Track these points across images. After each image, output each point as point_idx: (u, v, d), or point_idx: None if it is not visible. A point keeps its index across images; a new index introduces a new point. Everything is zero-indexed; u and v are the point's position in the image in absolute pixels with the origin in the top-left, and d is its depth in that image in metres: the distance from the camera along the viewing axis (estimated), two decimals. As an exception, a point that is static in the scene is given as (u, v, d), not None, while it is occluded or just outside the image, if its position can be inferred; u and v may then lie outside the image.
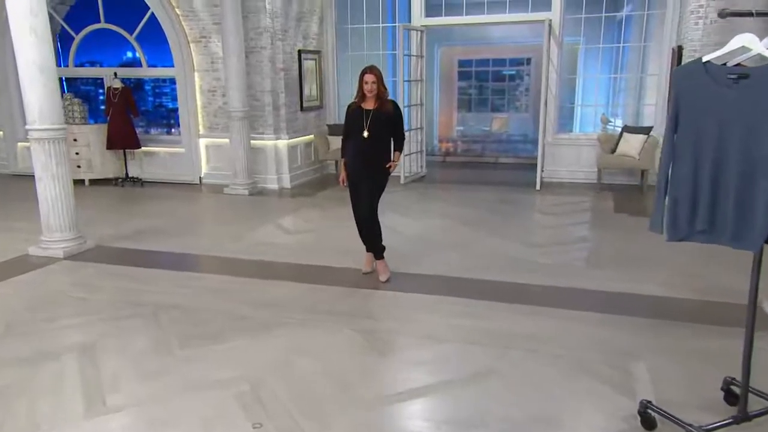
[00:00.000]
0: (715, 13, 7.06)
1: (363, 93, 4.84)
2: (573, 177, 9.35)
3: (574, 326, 4.10)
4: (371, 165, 4.91)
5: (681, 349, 3.73)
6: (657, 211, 2.60)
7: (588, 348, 3.77)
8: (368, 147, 4.86)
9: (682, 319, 4.21)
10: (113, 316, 4.42)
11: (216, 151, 9.59)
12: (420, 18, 9.58)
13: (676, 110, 2.44)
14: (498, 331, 4.04)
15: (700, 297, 4.62)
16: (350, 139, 4.98)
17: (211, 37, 9.24)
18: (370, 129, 4.83)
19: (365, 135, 4.84)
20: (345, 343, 3.96)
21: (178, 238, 6.53)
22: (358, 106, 4.92)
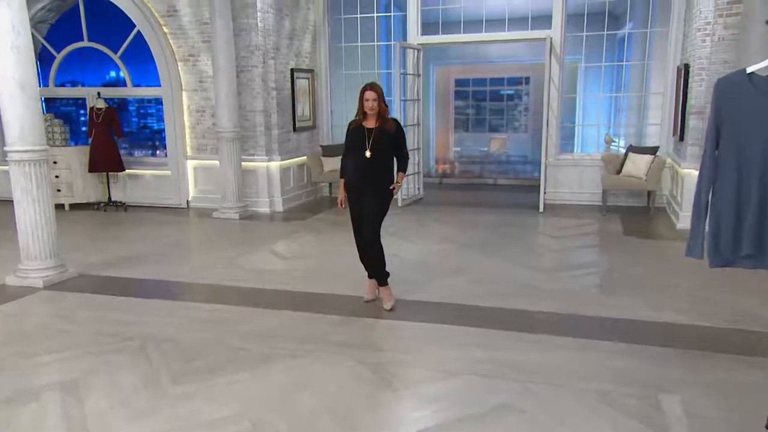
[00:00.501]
0: (723, 29, 7.08)
1: (364, 111, 4.75)
2: (576, 199, 9.29)
3: (595, 357, 3.96)
4: (373, 186, 4.79)
5: (715, 382, 3.59)
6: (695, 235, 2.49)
7: (613, 381, 3.62)
8: (370, 167, 4.75)
9: (709, 348, 4.08)
10: (98, 350, 4.21)
11: (204, 173, 9.44)
12: (416, 36, 9.57)
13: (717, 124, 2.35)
14: (514, 363, 3.89)
15: (726, 325, 4.49)
16: (350, 158, 4.87)
17: (200, 56, 9.16)
18: (372, 148, 4.72)
19: (367, 154, 4.73)
20: (350, 376, 3.79)
21: (165, 266, 6.34)
22: (359, 125, 4.82)
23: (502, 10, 9.38)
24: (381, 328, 4.65)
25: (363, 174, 4.79)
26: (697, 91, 7.41)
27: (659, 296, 5.13)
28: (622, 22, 10.17)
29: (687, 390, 3.50)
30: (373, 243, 4.87)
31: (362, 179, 4.80)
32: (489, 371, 3.79)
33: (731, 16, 7.04)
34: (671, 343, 4.19)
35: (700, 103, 7.40)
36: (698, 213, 2.45)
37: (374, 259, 4.93)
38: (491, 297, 5.20)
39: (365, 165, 4.76)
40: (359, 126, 4.81)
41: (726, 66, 7.14)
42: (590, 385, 3.58)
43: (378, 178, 4.78)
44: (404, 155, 4.90)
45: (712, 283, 5.43)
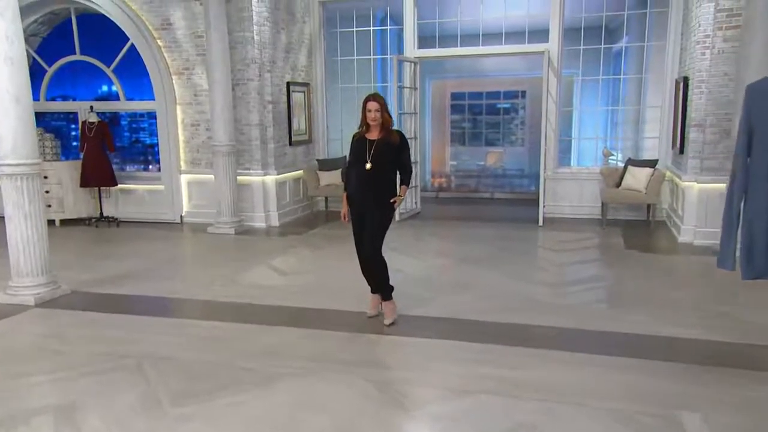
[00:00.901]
0: (722, 42, 7.07)
1: (366, 122, 4.65)
2: (575, 212, 9.22)
3: (610, 374, 3.84)
4: (374, 199, 4.68)
5: (738, 399, 3.49)
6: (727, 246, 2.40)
7: (631, 398, 3.51)
8: (371, 179, 4.64)
9: (727, 364, 3.98)
10: (94, 370, 4.05)
11: (198, 188, 9.30)
12: (413, 50, 9.53)
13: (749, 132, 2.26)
14: (528, 381, 3.77)
15: (740, 339, 4.39)
16: (353, 170, 4.77)
17: (194, 69, 9.06)
18: (373, 160, 4.62)
19: (367, 166, 4.63)
20: (358, 396, 3.65)
21: (161, 282, 6.18)
22: (362, 136, 4.72)
23: (499, 24, 9.37)
24: (386, 344, 4.51)
25: (364, 186, 4.68)
26: (697, 104, 7.39)
27: (666, 311, 5.04)
28: (618, 36, 10.19)
29: (707, 407, 3.39)
30: (373, 257, 4.76)
31: (363, 192, 4.70)
32: (500, 389, 3.66)
33: (730, 29, 7.04)
34: (685, 358, 4.08)
35: (700, 115, 7.37)
36: (729, 223, 2.37)
37: (376, 274, 4.82)
38: (496, 312, 5.08)
39: (366, 177, 4.65)
40: (362, 137, 4.72)
41: (726, 78, 7.13)
42: (608, 403, 3.46)
43: (379, 190, 4.67)
44: (408, 168, 4.80)
45: (719, 297, 5.39)
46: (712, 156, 7.33)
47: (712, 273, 6.19)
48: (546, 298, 5.47)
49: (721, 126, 7.24)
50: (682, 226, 7.59)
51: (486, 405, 3.50)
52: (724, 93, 7.17)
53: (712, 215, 7.33)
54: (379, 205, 4.68)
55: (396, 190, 4.78)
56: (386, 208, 4.71)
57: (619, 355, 4.13)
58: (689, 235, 7.50)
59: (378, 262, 4.79)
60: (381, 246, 4.79)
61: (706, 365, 3.96)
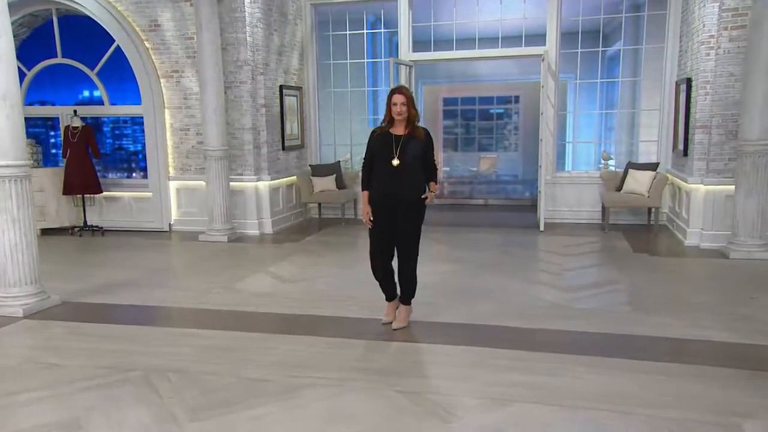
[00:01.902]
0: (728, 42, 7.01)
1: (391, 117, 4.42)
2: (575, 217, 9.09)
3: (653, 380, 3.64)
4: (403, 197, 4.42)
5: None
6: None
7: (685, 406, 3.30)
8: (398, 176, 4.39)
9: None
10: (97, 385, 3.73)
11: (188, 194, 8.96)
12: (407, 53, 9.35)
13: None
14: (567, 388, 3.55)
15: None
16: (375, 169, 4.51)
17: (184, 72, 8.75)
18: (401, 156, 4.38)
19: (395, 163, 4.37)
20: (392, 407, 3.39)
21: (156, 291, 5.86)
22: (385, 132, 4.47)
23: (494, 28, 9.25)
24: (409, 352, 4.27)
25: (391, 184, 4.42)
26: (701, 105, 7.30)
27: (690, 314, 4.87)
28: (613, 40, 10.15)
29: (766, 415, 3.20)
30: (412, 263, 4.54)
31: (390, 190, 4.43)
32: (540, 398, 3.43)
33: (736, 28, 6.98)
34: (727, 362, 3.91)
35: (705, 117, 7.29)
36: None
37: (411, 279, 4.58)
38: (516, 318, 4.88)
39: (393, 175, 4.40)
40: (385, 133, 4.47)
41: (732, 79, 7.07)
42: (660, 411, 3.25)
43: (407, 188, 4.42)
44: (433, 167, 4.57)
45: (737, 299, 5.29)
46: (718, 157, 7.25)
47: (725, 275, 6.12)
48: (565, 303, 5.28)
49: (727, 127, 7.17)
50: (688, 229, 7.49)
51: (528, 414, 3.27)
52: (729, 93, 7.10)
53: (718, 217, 7.25)
54: (410, 204, 4.43)
55: (425, 187, 4.53)
56: (417, 205, 4.46)
57: (657, 360, 3.94)
58: (696, 237, 7.39)
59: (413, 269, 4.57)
60: (417, 253, 4.57)
61: (753, 370, 3.78)
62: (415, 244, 4.56)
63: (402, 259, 4.57)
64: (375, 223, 4.56)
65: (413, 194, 4.45)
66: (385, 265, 4.60)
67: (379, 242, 4.55)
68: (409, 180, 4.43)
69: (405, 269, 4.58)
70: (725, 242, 7.01)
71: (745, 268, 6.33)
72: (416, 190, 4.47)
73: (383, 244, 4.55)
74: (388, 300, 4.74)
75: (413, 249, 4.55)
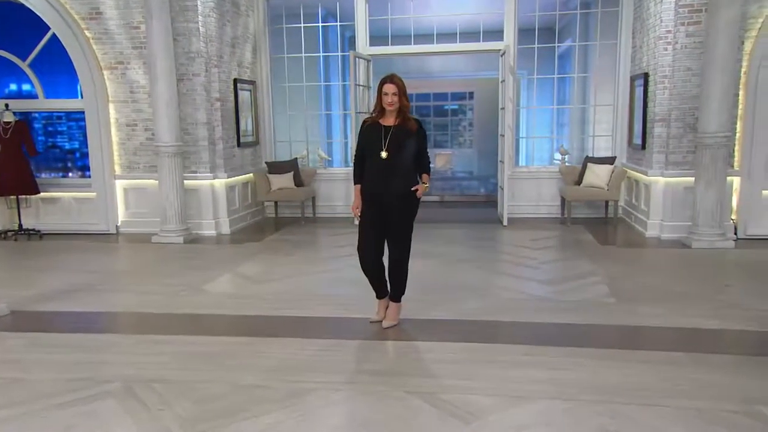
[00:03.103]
0: (685, 37, 7.19)
1: (382, 107, 4.21)
2: (535, 212, 9.13)
3: (666, 370, 3.58)
4: (393, 190, 4.22)
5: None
6: None
7: (704, 396, 3.25)
8: (388, 169, 4.19)
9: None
10: (74, 400, 3.34)
11: (137, 194, 8.43)
12: (365, 47, 9.15)
13: None
14: (585, 383, 3.44)
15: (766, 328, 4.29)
16: (366, 161, 4.30)
17: (130, 63, 8.22)
18: (390, 148, 4.18)
19: (383, 155, 4.18)
20: (407, 409, 3.19)
21: (119, 295, 5.43)
22: (375, 122, 4.27)
23: (451, 23, 9.18)
24: (411, 351, 4.07)
25: (380, 177, 4.22)
26: (660, 99, 7.46)
27: (676, 304, 4.89)
28: (565, 36, 10.28)
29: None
30: (401, 260, 4.36)
31: (379, 183, 4.23)
32: (561, 393, 3.31)
33: (692, 24, 7.16)
34: (733, 350, 3.93)
35: (663, 110, 7.45)
36: None
37: (402, 275, 4.39)
38: (509, 312, 4.77)
39: (382, 167, 4.20)
40: (375, 123, 4.26)
41: (689, 73, 7.25)
42: (682, 401, 3.18)
43: (397, 181, 4.22)
44: (426, 159, 4.39)
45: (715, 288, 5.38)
46: (677, 150, 7.42)
47: (693, 265, 6.25)
48: (550, 296, 5.23)
49: (685, 120, 7.35)
50: (648, 220, 7.63)
51: (552, 411, 3.15)
52: (687, 88, 7.28)
53: (677, 209, 7.43)
54: (400, 197, 4.23)
55: (416, 179, 4.34)
56: (408, 199, 4.26)
57: (662, 350, 3.91)
58: (656, 229, 7.54)
59: (406, 263, 4.38)
60: (409, 249, 4.38)
61: (755, 356, 3.81)
62: (406, 239, 4.37)
63: (393, 254, 4.38)
64: (364, 217, 4.35)
65: (403, 187, 4.26)
66: (375, 261, 4.39)
67: (369, 237, 4.34)
68: (398, 173, 4.23)
69: (396, 265, 4.39)
70: (685, 233, 7.17)
71: (709, 257, 6.49)
72: (406, 183, 4.27)
73: (373, 238, 4.34)
74: (378, 297, 4.53)
75: (404, 244, 4.37)
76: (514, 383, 3.46)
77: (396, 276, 4.40)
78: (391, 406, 3.22)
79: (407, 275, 4.43)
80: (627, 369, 3.62)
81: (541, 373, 3.58)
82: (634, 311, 4.72)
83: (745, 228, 7.37)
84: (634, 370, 3.59)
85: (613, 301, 5.02)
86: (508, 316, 4.67)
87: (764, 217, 7.34)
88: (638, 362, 3.72)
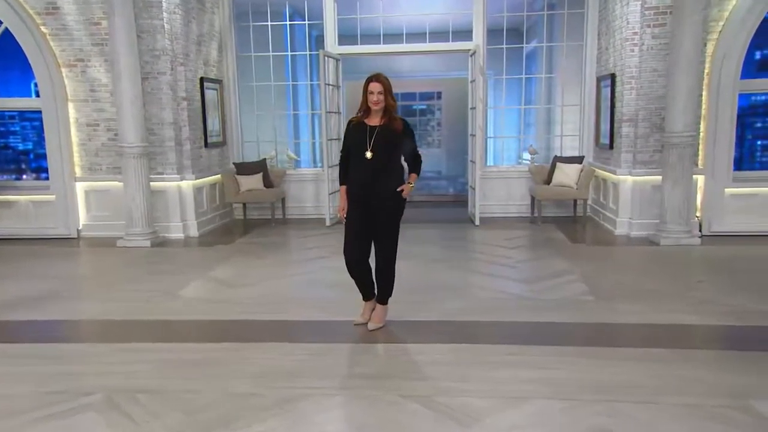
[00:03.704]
0: (651, 39, 7.35)
1: (367, 106, 4.16)
2: (505, 211, 9.22)
3: (653, 367, 3.63)
4: (378, 191, 4.18)
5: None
6: None
7: (693, 392, 3.31)
8: (372, 170, 4.15)
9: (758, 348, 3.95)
10: (54, 414, 3.19)
11: (99, 196, 8.15)
12: (334, 46, 9.07)
13: None
14: (578, 382, 3.46)
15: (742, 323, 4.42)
16: (351, 161, 4.25)
17: (90, 61, 7.94)
18: (374, 148, 4.13)
19: (368, 155, 4.13)
20: (404, 414, 3.15)
21: (88, 302, 5.25)
22: (360, 122, 4.22)
23: (422, 23, 9.19)
24: (398, 353, 4.04)
25: (365, 178, 4.18)
26: (628, 100, 7.62)
27: (653, 300, 4.98)
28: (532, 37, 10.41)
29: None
30: (388, 264, 4.31)
31: (364, 184, 4.19)
32: (556, 393, 3.33)
33: (658, 26, 7.33)
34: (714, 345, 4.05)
35: (631, 111, 7.61)
36: None
37: (389, 277, 4.34)
38: (493, 312, 4.79)
39: (366, 168, 4.15)
40: (360, 123, 4.21)
41: (655, 74, 7.43)
42: (673, 398, 3.23)
43: (382, 182, 4.18)
44: (417, 158, 4.37)
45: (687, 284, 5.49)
46: (644, 149, 7.59)
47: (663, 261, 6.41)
48: (530, 294, 5.27)
49: (652, 120, 7.52)
50: (617, 219, 7.79)
51: (549, 411, 3.16)
52: (653, 88, 7.46)
53: (645, 207, 7.60)
54: (386, 198, 4.18)
55: (402, 179, 4.30)
56: (393, 200, 4.22)
57: (646, 347, 3.98)
58: (625, 227, 7.71)
59: (393, 265, 4.35)
60: (396, 250, 4.33)
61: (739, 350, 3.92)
62: (392, 240, 4.33)
63: (379, 255, 4.34)
64: (350, 219, 4.31)
65: (388, 188, 4.22)
66: (361, 263, 4.33)
67: (355, 238, 4.28)
68: (383, 173, 4.19)
69: (382, 266, 4.36)
70: (653, 230, 7.34)
71: (678, 254, 6.66)
72: (392, 184, 4.23)
73: (359, 240, 4.28)
74: (365, 299, 4.48)
75: (391, 245, 4.33)
76: (507, 384, 3.47)
77: (383, 277, 4.36)
78: (386, 410, 3.18)
79: (395, 276, 4.39)
80: (615, 367, 3.67)
81: (532, 373, 3.59)
82: (613, 309, 4.80)
83: (710, 225, 7.59)
84: (623, 368, 3.64)
85: (591, 299, 5.09)
86: (491, 315, 4.69)
87: (727, 214, 7.57)
88: (625, 360, 3.77)
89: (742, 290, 5.17)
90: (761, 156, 8.58)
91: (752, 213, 7.56)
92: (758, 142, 8.56)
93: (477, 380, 3.53)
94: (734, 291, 5.17)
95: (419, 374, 3.68)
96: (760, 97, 8.21)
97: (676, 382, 3.43)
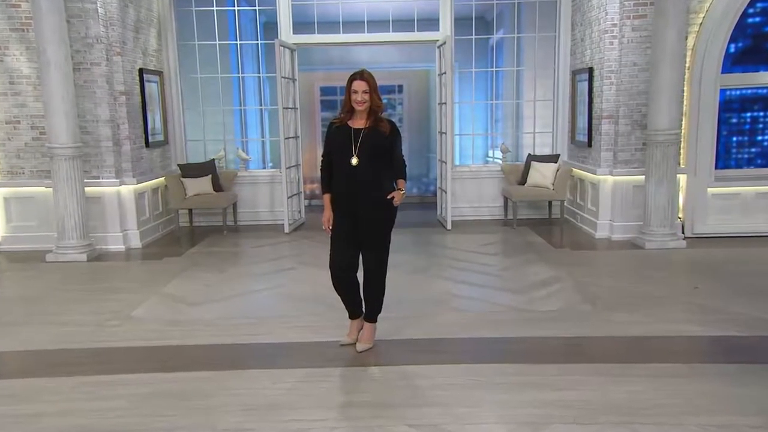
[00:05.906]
0: (631, 31, 7.60)
1: (351, 106, 4.15)
2: (476, 213, 9.35)
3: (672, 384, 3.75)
4: (366, 200, 4.17)
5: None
6: None
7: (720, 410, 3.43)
8: (359, 177, 4.13)
9: None
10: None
11: (22, 204, 7.81)
12: (289, 35, 8.98)
13: None
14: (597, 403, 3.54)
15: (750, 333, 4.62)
16: (334, 167, 4.22)
17: (8, 49, 7.59)
18: (360, 154, 4.11)
19: (353, 162, 4.11)
20: (419, 446, 3.16)
21: (29, 328, 5.01)
22: (343, 124, 4.20)
23: (384, 10, 9.21)
24: (396, 377, 4.03)
25: (350, 187, 4.16)
26: (607, 95, 7.85)
27: (656, 309, 5.16)
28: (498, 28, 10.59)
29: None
30: (380, 274, 4.30)
31: (351, 193, 4.17)
32: (577, 416, 3.39)
33: (638, 17, 7.59)
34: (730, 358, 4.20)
35: (611, 107, 7.85)
36: None
37: (378, 292, 4.33)
38: (488, 326, 4.86)
39: (352, 175, 4.13)
40: (343, 126, 4.19)
41: (636, 69, 7.69)
42: (701, 418, 3.34)
43: (370, 190, 4.16)
44: (402, 162, 4.37)
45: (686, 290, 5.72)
46: (625, 148, 7.84)
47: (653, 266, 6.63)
48: (523, 306, 5.37)
49: (633, 117, 7.78)
50: (597, 221, 8.01)
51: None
52: (634, 83, 7.72)
53: (627, 208, 7.86)
54: (375, 207, 4.18)
55: (392, 186, 4.29)
56: (384, 208, 4.22)
57: (660, 362, 4.10)
58: (606, 229, 7.94)
59: (382, 278, 4.36)
60: (386, 262, 4.34)
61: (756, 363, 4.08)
62: (383, 252, 4.34)
63: (368, 269, 4.34)
64: (336, 230, 4.28)
65: (376, 196, 4.21)
66: (349, 278, 4.32)
67: (342, 251, 4.26)
68: (371, 180, 4.17)
69: (371, 281, 4.36)
70: (635, 233, 7.60)
71: (665, 258, 6.92)
72: (380, 192, 4.23)
73: (346, 253, 4.26)
74: (351, 317, 4.47)
75: (382, 257, 4.33)
76: (522, 408, 3.52)
77: (372, 293, 4.36)
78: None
79: (384, 292, 4.39)
80: (631, 385, 3.78)
81: (547, 395, 3.67)
82: (613, 319, 4.95)
83: (692, 227, 7.91)
84: (640, 386, 3.75)
85: (588, 308, 5.24)
86: (488, 331, 4.75)
87: (710, 215, 7.91)
88: (640, 377, 3.89)
89: (739, 296, 5.42)
90: (737, 153, 9.01)
91: (733, 213, 7.92)
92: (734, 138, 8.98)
93: (488, 404, 3.58)
94: (732, 297, 5.41)
95: (424, 400, 3.69)
96: (734, 92, 8.61)
97: (698, 400, 3.56)
